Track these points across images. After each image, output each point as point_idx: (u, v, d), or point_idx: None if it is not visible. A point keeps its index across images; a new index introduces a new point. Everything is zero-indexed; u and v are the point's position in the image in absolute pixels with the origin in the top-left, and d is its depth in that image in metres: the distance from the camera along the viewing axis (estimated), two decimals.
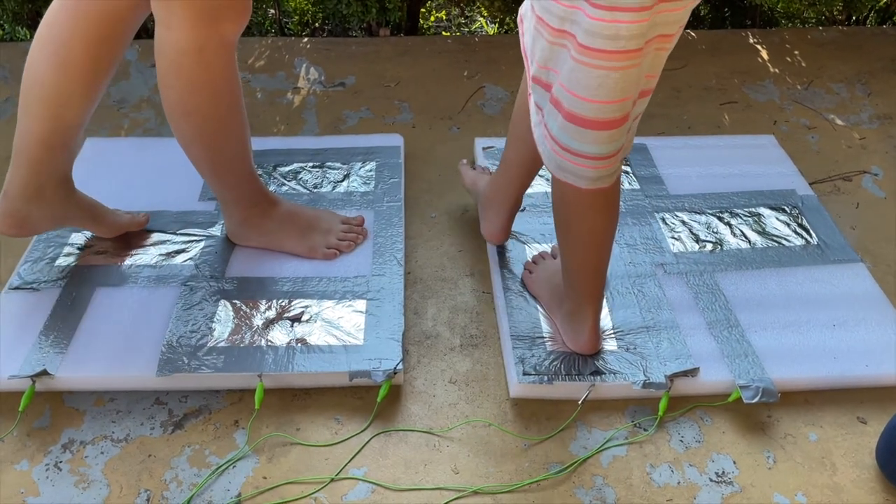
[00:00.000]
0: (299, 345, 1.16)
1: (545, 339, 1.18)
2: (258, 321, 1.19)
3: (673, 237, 1.38)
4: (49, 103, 1.12)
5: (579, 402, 1.11)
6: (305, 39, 2.07)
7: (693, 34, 2.12)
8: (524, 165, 1.21)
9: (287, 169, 1.53)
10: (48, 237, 1.34)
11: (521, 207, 1.42)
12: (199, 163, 1.20)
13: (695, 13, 2.37)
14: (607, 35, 0.79)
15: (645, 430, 1.10)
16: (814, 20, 2.46)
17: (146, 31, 2.14)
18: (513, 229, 1.38)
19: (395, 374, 1.12)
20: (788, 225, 1.41)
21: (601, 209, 1.03)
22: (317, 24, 2.33)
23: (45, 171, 1.17)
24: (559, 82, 0.87)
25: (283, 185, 1.49)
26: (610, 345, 1.17)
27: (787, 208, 1.45)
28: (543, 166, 1.22)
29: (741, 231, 1.39)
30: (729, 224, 1.41)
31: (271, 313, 1.21)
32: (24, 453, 1.05)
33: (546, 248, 1.34)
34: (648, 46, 0.83)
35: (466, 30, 2.61)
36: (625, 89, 0.84)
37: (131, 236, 1.35)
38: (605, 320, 1.21)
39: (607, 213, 1.04)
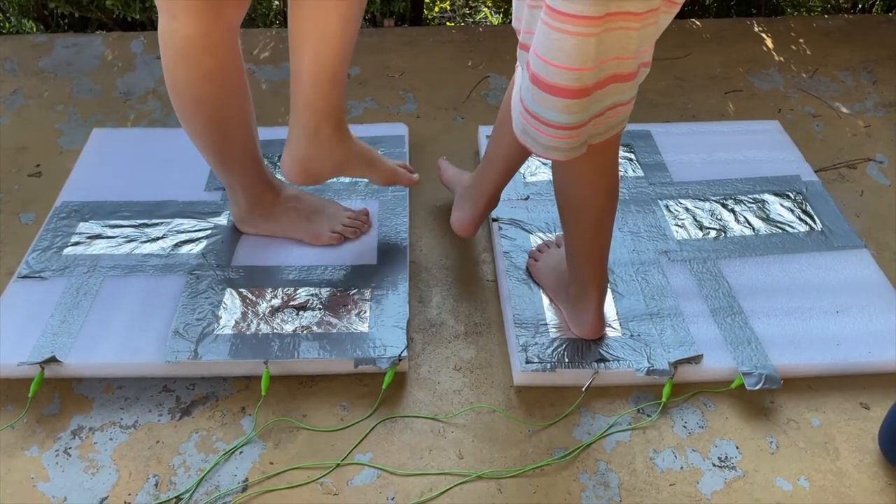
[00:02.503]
0: (305, 332, 1.17)
1: (549, 327, 1.18)
2: (264, 309, 1.20)
3: (677, 224, 1.38)
4: (313, 39, 1.08)
5: (583, 390, 1.11)
6: None
7: (698, 23, 2.11)
8: (506, 160, 1.21)
9: None
10: (56, 226, 1.35)
11: (525, 196, 1.43)
12: (208, 151, 1.21)
13: (700, 2, 2.36)
14: None
15: (648, 415, 1.11)
16: (819, 8, 2.45)
17: (151, 23, 2.15)
18: (517, 218, 1.38)
19: (400, 361, 1.13)
20: (792, 211, 1.41)
21: (602, 189, 1.03)
22: None
23: (318, 111, 1.14)
24: (533, 44, 0.88)
25: None
26: (614, 332, 1.18)
27: (791, 194, 1.45)
28: (524, 163, 1.23)
29: (745, 218, 1.40)
30: (733, 211, 1.41)
31: (277, 301, 1.22)
32: (34, 439, 1.06)
33: (551, 237, 1.35)
34: (612, 20, 0.82)
35: (471, 20, 2.61)
36: (581, 58, 0.84)
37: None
38: (609, 308, 1.22)
39: (608, 191, 1.04)
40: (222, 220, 1.38)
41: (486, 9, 2.62)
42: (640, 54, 0.89)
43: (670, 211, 1.41)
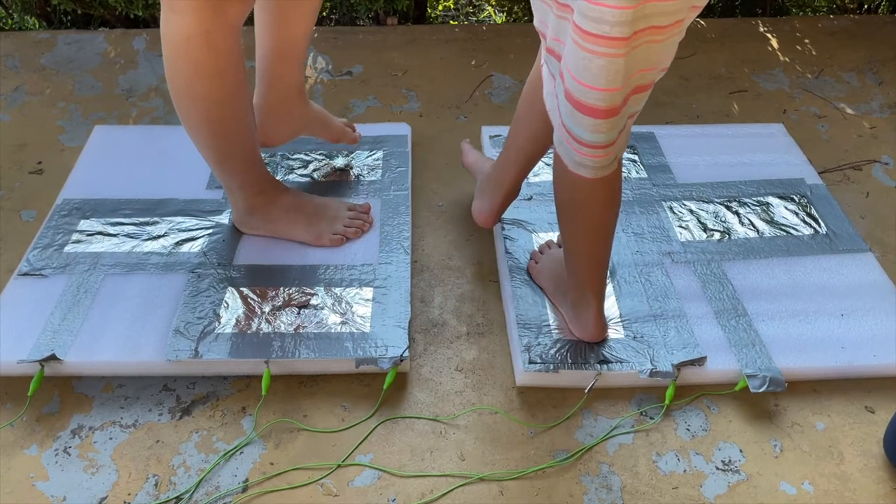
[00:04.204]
0: (306, 331, 1.16)
1: (552, 328, 1.18)
2: (265, 308, 1.20)
3: (680, 226, 1.37)
4: (310, 17, 1.29)
5: (585, 391, 1.11)
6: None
7: (703, 22, 2.10)
8: (526, 151, 1.20)
9: (294, 157, 1.53)
10: (57, 224, 1.34)
11: (528, 196, 1.42)
12: (206, 149, 1.20)
13: None
14: (592, 17, 0.79)
15: (651, 418, 1.10)
16: (825, 8, 2.44)
17: (154, 21, 2.14)
18: (520, 218, 1.37)
19: (402, 361, 1.12)
20: (797, 214, 1.40)
21: (601, 198, 1.02)
22: (324, 13, 2.32)
23: (299, 79, 1.34)
24: (564, 58, 0.87)
25: (291, 173, 1.49)
26: (617, 333, 1.17)
27: (795, 197, 1.44)
28: (546, 153, 1.23)
29: (749, 220, 1.39)
30: (737, 213, 1.40)
31: (278, 300, 1.21)
32: (34, 438, 1.06)
33: (552, 236, 1.34)
34: (638, 38, 0.81)
35: (474, 18, 2.60)
36: (609, 78, 0.83)
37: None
38: (612, 309, 1.21)
39: (608, 201, 1.04)
40: (224, 218, 1.37)
41: (489, 7, 2.61)
42: (662, 60, 0.88)
43: (674, 212, 1.40)
